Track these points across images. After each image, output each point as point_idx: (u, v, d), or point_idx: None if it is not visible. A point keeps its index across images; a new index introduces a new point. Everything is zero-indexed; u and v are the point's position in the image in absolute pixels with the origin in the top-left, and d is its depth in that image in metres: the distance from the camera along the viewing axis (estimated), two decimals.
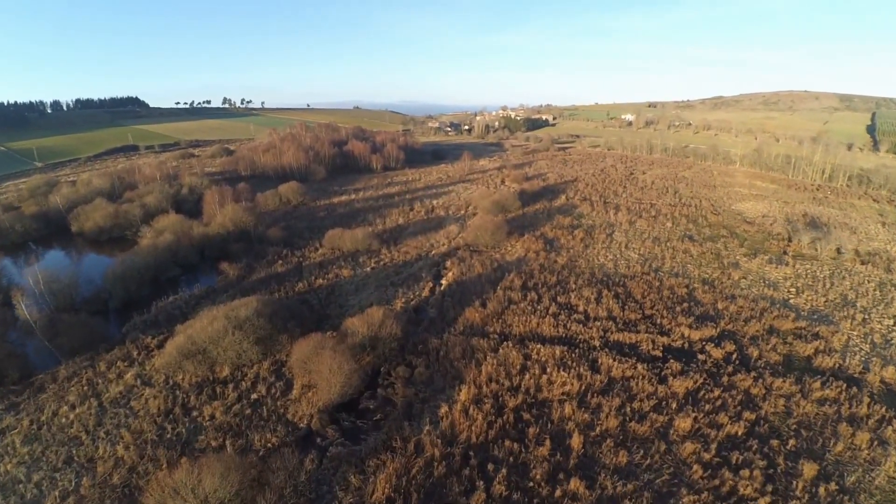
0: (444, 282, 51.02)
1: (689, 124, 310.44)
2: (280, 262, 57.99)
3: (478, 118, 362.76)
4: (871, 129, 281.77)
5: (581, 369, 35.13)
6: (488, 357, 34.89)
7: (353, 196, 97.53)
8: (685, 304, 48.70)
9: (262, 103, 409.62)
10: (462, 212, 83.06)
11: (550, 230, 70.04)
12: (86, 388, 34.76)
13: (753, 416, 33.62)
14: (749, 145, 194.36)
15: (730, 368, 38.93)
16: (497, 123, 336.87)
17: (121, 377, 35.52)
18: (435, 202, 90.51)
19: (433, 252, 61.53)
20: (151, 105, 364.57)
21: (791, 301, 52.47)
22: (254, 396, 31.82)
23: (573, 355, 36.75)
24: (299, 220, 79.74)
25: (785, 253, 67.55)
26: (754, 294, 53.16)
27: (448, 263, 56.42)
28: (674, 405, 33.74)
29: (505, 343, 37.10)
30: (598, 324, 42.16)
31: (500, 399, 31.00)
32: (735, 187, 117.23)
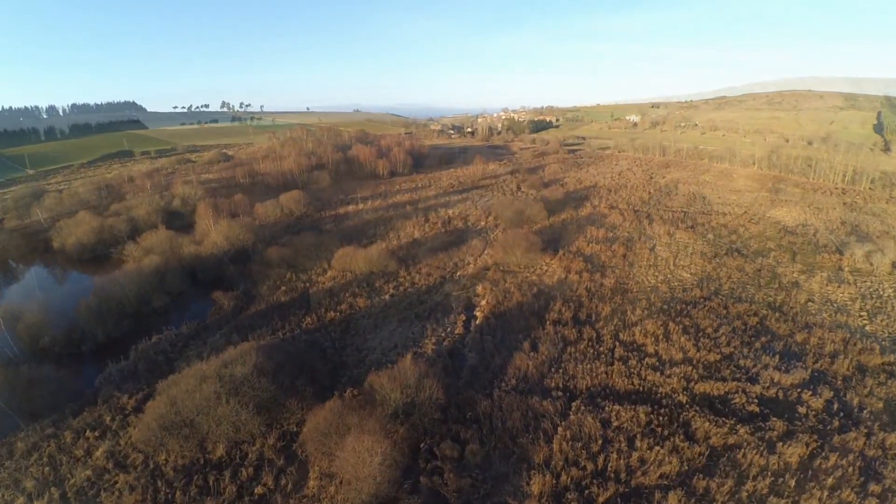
0: (478, 314, 43.30)
1: (696, 125, 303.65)
2: (283, 288, 50.27)
3: (479, 120, 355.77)
4: (878, 129, 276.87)
5: (676, 440, 27.63)
6: (559, 427, 27.26)
7: (360, 206, 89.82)
8: (763, 339, 41.76)
9: (261, 107, 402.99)
10: (482, 223, 75.57)
11: (586, 245, 62.51)
12: (47, 469, 27.38)
13: (879, 489, 27.96)
14: (763, 146, 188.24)
15: (836, 423, 32.93)
16: (500, 126, 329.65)
17: (90, 455, 27.92)
18: (451, 212, 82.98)
19: (458, 273, 53.93)
20: (149, 109, 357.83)
21: (867, 328, 46.51)
22: (258, 490, 24.07)
23: (660, 419, 29.21)
24: (303, 234, 72.12)
25: (841, 269, 61.02)
26: (827, 321, 46.70)
27: (479, 289, 48.77)
28: (792, 482, 27.02)
29: (574, 404, 29.47)
30: (677, 370, 34.64)
31: (586, 490, 23.41)
32: (762, 192, 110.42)
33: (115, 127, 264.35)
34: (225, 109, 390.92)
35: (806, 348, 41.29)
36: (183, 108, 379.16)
